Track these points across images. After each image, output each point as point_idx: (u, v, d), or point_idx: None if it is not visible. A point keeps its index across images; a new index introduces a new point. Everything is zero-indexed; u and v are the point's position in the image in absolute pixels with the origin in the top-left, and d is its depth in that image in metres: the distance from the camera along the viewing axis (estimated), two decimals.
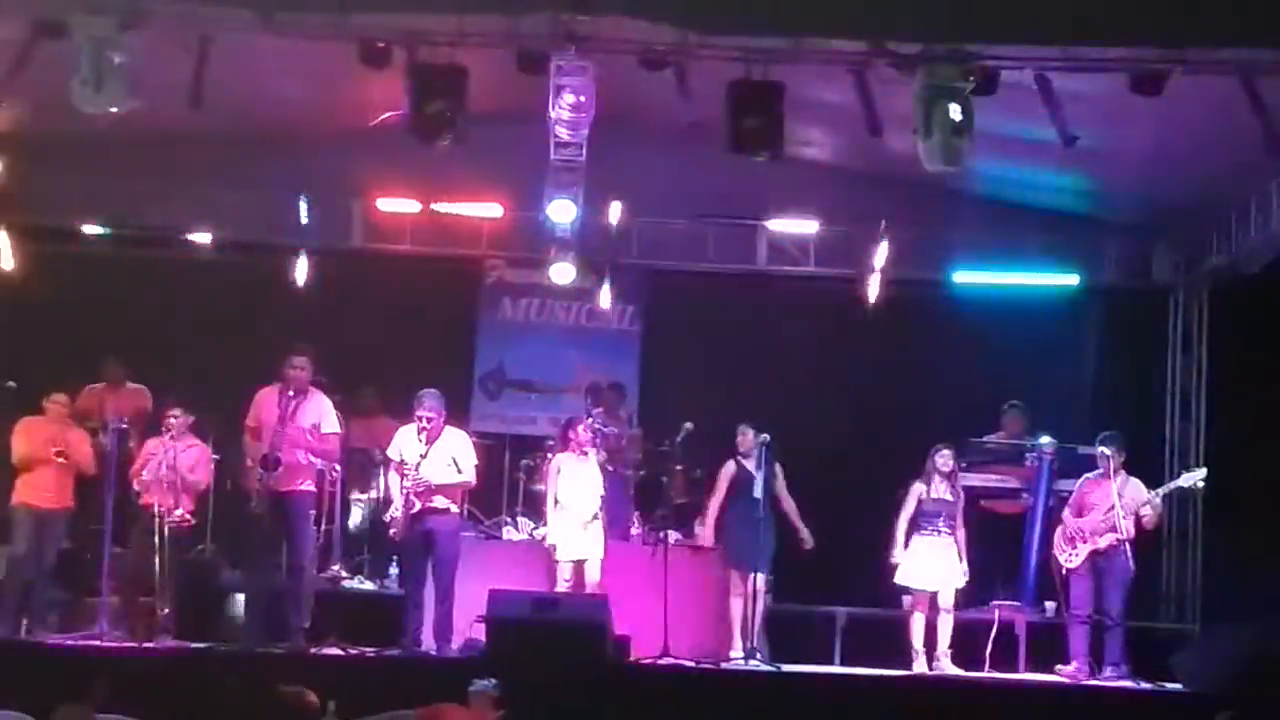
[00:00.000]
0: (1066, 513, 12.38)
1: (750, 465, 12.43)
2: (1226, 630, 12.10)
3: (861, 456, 13.94)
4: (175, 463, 11.93)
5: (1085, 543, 12.12)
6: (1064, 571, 12.27)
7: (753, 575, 12.15)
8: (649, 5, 9.92)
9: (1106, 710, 11.47)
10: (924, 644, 12.17)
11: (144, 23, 10.10)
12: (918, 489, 12.32)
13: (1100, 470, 12.20)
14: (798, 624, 12.48)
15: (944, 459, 12.33)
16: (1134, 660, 12.01)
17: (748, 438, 12.47)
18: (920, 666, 12.10)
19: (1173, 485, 12.57)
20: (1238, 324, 13.97)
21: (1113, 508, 12.00)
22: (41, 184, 13.73)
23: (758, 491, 12.30)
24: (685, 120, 11.24)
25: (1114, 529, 11.98)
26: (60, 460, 12.01)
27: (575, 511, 12.19)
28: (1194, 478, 12.57)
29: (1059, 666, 12.18)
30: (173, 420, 12.07)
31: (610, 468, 13.08)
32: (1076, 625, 12.14)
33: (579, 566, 12.17)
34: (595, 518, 12.23)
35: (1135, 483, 12.21)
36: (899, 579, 12.30)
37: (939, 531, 12.23)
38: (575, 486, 12.28)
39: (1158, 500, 12.25)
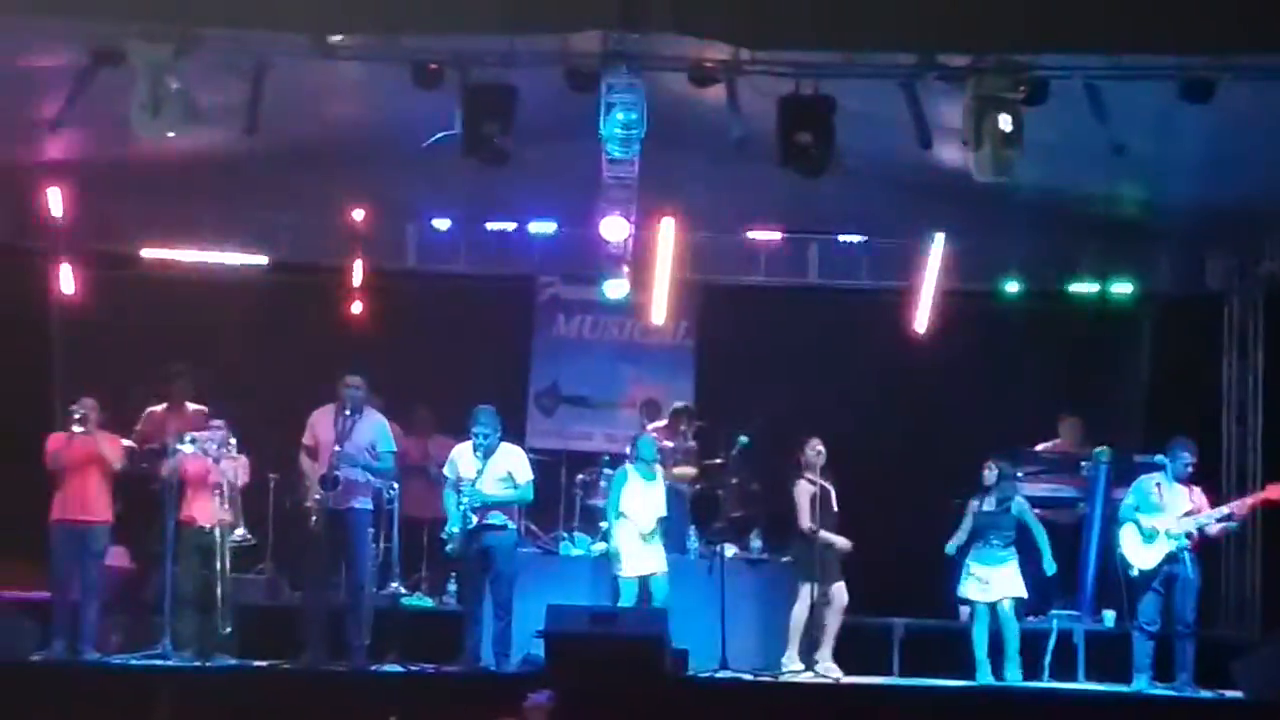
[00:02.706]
0: (1130, 509, 12.20)
1: (811, 478, 12.46)
2: None
3: (916, 467, 13.95)
4: (221, 473, 11.90)
5: (1160, 542, 11.97)
6: (1135, 574, 12.07)
7: (812, 587, 12.20)
8: (698, 22, 9.94)
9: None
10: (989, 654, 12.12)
11: (199, 49, 10.21)
12: (972, 504, 12.30)
13: (1173, 473, 12.07)
14: (855, 635, 12.46)
15: (987, 471, 12.31)
16: (1195, 668, 11.94)
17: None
18: (985, 677, 12.06)
19: (1261, 497, 12.35)
20: None
21: (1190, 512, 11.94)
22: (100, 209, 13.93)
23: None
24: (735, 135, 11.26)
25: (1193, 531, 11.90)
26: (78, 429, 11.74)
27: (636, 523, 12.21)
28: None
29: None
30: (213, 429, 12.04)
31: (666, 482, 13.08)
32: (1144, 640, 11.99)
33: (644, 582, 12.17)
34: (655, 533, 12.25)
35: (1199, 492, 12.13)
36: (959, 592, 12.28)
37: (990, 544, 12.19)
38: (639, 498, 12.31)
39: (1244, 510, 12.19)
